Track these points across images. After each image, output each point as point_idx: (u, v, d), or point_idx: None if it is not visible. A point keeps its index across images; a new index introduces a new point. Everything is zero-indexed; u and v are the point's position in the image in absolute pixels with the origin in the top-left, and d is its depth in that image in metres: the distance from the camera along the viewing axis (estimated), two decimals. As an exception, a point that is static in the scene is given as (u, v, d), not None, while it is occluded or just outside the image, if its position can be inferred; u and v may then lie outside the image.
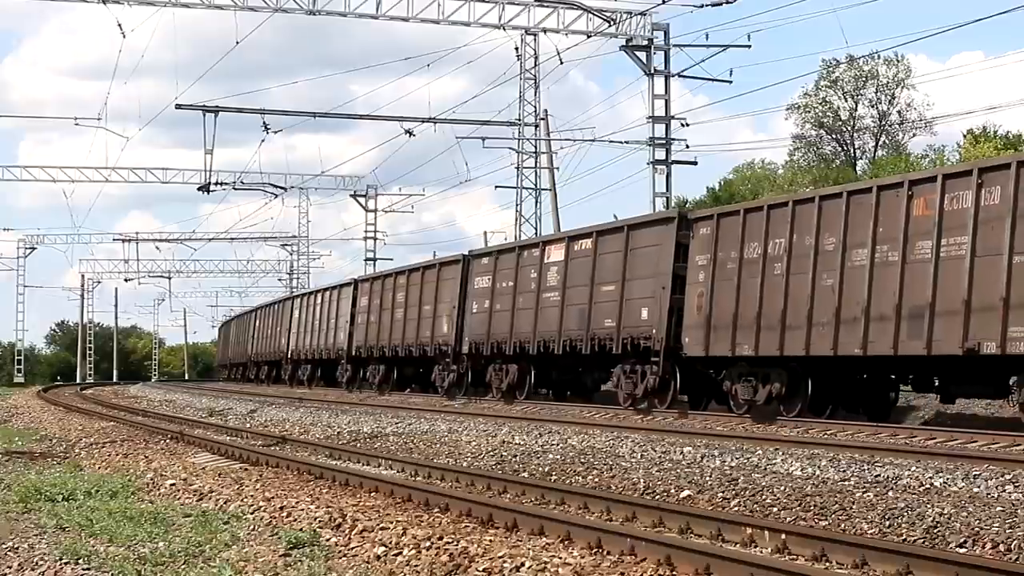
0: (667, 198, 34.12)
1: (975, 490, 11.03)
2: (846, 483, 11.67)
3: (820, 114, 58.97)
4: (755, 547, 8.70)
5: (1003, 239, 15.56)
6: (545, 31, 34.54)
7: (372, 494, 11.92)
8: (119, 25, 33.02)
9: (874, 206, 17.62)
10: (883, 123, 58.51)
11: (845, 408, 20.17)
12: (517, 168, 42.72)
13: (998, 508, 9.85)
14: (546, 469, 13.92)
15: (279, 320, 51.06)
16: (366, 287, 38.70)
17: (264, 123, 36.78)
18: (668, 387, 22.47)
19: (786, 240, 19.20)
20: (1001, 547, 8.47)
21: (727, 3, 30.31)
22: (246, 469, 14.60)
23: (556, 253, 26.23)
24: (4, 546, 8.93)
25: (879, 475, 12.12)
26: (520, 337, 27.09)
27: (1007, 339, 15.27)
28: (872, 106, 58.95)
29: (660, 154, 33.93)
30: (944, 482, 11.53)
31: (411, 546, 8.64)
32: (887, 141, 59.20)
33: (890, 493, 10.88)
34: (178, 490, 12.31)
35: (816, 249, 18.55)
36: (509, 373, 28.19)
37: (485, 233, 45.19)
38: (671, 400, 22.48)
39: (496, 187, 49.32)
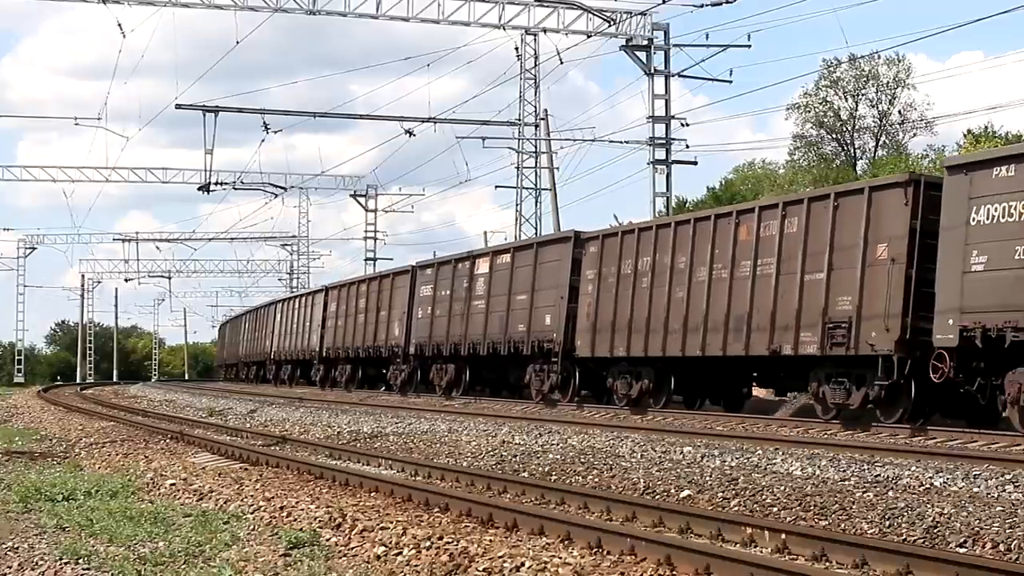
0: (667, 198, 34.12)
1: (975, 490, 11.03)
2: (846, 483, 11.67)
3: (820, 114, 58.91)
4: (755, 547, 8.71)
5: (797, 261, 18.95)
6: (545, 31, 34.52)
7: (372, 494, 11.92)
8: (119, 25, 33.10)
9: (712, 231, 21.02)
10: (883, 123, 58.46)
11: (711, 401, 23.58)
12: (517, 168, 42.73)
13: (998, 508, 9.85)
14: (546, 469, 13.92)
15: (264, 323, 54.05)
16: (334, 294, 42.03)
17: (264, 123, 36.79)
18: (569, 383, 25.66)
19: (651, 258, 22.80)
20: (1001, 547, 8.47)
21: (727, 3, 30.36)
22: (246, 469, 14.60)
23: (483, 266, 29.59)
24: (4, 546, 8.93)
25: (879, 475, 12.12)
26: (455, 340, 30.44)
27: (799, 342, 18.74)
28: (873, 106, 58.90)
29: (660, 154, 33.93)
30: (944, 482, 11.53)
31: (411, 546, 8.64)
32: (887, 141, 59.12)
33: (890, 493, 10.88)
34: (178, 490, 12.31)
35: (672, 267, 22.10)
36: (448, 372, 31.27)
37: (485, 233, 45.34)
38: (571, 395, 25.58)
39: (496, 187, 49.40)
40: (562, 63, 37.05)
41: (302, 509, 10.62)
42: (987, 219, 15.62)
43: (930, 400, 17.39)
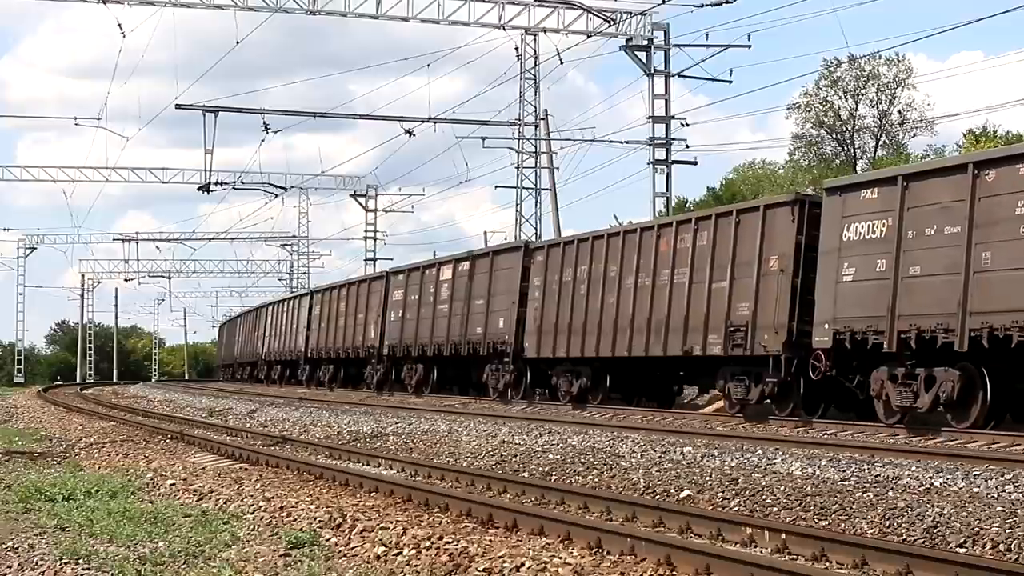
0: (667, 198, 34.11)
1: (975, 490, 11.02)
2: (846, 483, 11.67)
3: (820, 114, 58.88)
4: (755, 547, 8.71)
5: (706, 271, 20.88)
6: (545, 31, 34.50)
7: (372, 494, 11.92)
8: (119, 25, 33.04)
9: (638, 243, 23.03)
10: (883, 123, 58.43)
11: (646, 398, 25.24)
12: (517, 168, 42.69)
13: (998, 508, 9.85)
14: (546, 469, 13.92)
15: (257, 325, 55.97)
16: (318, 297, 44.38)
17: (264, 123, 36.76)
18: (521, 382, 27.76)
19: (587, 267, 24.76)
20: (1001, 547, 8.47)
21: (727, 3, 30.37)
22: (246, 469, 14.61)
23: (446, 273, 31.61)
24: (4, 546, 8.93)
25: (879, 475, 12.11)
26: (422, 341, 32.52)
27: (707, 344, 20.72)
28: (873, 106, 58.88)
29: (660, 154, 33.93)
30: (944, 482, 11.52)
31: (411, 546, 8.64)
32: (887, 141, 59.09)
33: (890, 493, 10.87)
34: (178, 490, 12.31)
35: (604, 275, 24.06)
36: (417, 372, 33.39)
37: (485, 233, 45.41)
38: (523, 392, 27.71)
39: (496, 187, 49.33)
40: (562, 63, 37.08)
41: (302, 509, 10.62)
42: (856, 235, 17.63)
43: (824, 396, 19.51)
